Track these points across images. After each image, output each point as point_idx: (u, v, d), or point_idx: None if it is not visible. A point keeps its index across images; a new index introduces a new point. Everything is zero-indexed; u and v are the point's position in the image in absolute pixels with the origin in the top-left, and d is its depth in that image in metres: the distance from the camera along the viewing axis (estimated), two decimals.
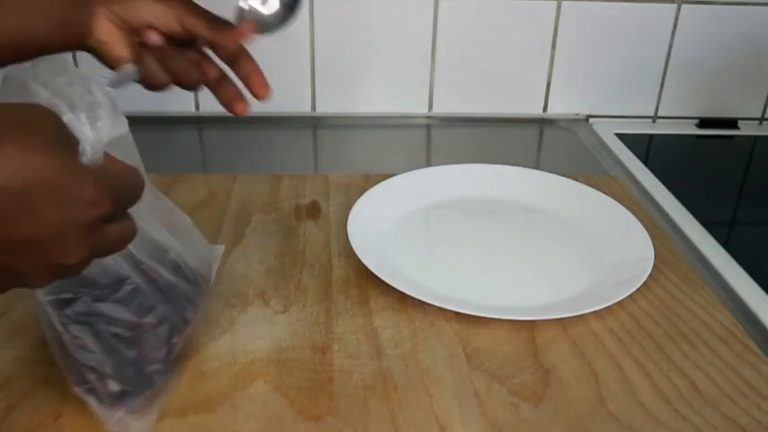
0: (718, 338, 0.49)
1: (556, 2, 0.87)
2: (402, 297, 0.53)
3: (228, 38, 0.51)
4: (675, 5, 0.88)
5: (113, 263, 0.41)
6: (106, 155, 0.36)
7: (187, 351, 0.46)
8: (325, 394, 0.43)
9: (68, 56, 0.42)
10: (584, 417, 0.42)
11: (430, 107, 0.93)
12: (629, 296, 0.54)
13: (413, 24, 0.87)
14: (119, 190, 0.35)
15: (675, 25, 0.89)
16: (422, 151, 0.87)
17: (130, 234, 0.37)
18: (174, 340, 0.43)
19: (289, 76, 0.89)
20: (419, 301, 0.51)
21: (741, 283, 0.57)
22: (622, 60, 0.91)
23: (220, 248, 0.57)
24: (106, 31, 0.47)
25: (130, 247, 0.41)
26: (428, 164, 0.82)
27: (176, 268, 0.44)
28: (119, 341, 0.41)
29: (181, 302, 0.44)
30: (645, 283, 0.55)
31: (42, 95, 0.36)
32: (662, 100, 0.94)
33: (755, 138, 0.93)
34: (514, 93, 0.93)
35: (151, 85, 0.51)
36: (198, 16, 0.51)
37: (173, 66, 0.50)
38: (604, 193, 0.68)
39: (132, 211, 0.37)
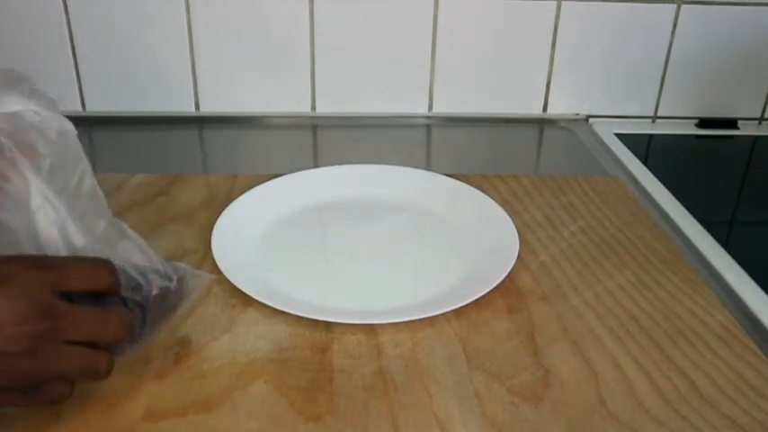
0: (718, 338, 0.49)
1: (556, 2, 0.87)
2: None
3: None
4: (675, 5, 0.88)
5: None
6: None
7: (187, 351, 0.47)
8: (325, 394, 0.43)
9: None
10: (584, 417, 0.42)
11: (430, 107, 0.93)
12: (628, 296, 0.54)
13: (413, 24, 0.87)
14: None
15: (675, 25, 0.89)
16: (422, 151, 0.87)
17: None
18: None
19: (289, 76, 0.89)
20: None
21: (741, 283, 0.57)
22: (622, 60, 0.91)
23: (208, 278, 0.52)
24: None
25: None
26: (428, 164, 0.82)
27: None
28: None
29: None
30: (644, 283, 0.55)
31: None
32: (661, 100, 0.94)
33: (755, 138, 0.93)
34: (514, 93, 0.93)
35: None
36: None
37: None
38: (603, 192, 0.69)
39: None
